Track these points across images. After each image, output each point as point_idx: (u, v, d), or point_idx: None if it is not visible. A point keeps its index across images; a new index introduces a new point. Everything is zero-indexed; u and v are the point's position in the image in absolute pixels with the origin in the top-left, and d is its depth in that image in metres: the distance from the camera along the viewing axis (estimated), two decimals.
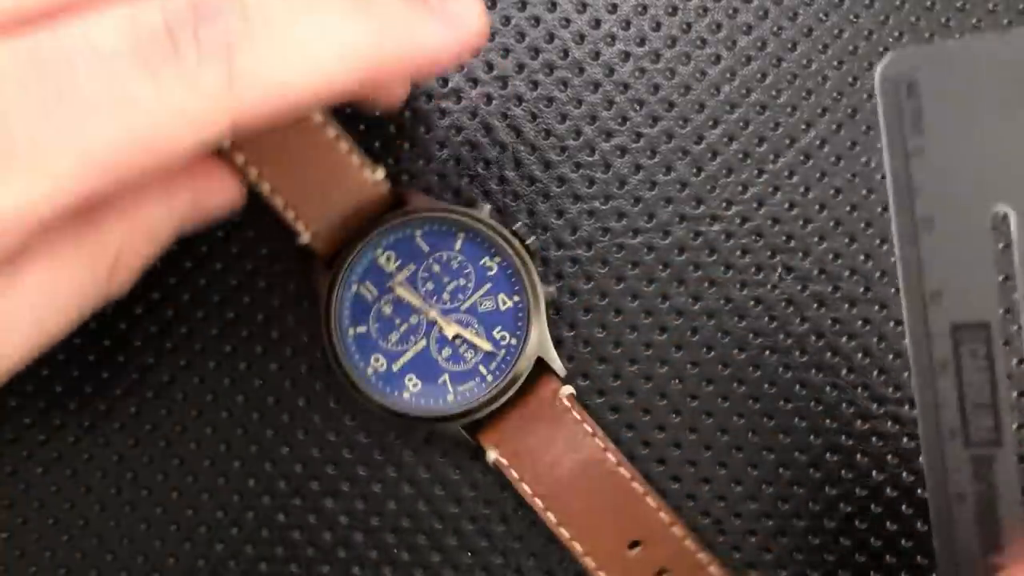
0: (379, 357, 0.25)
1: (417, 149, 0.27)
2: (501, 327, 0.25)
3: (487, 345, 0.25)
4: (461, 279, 0.25)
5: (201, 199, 0.23)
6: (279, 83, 0.18)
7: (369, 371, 0.25)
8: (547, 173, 0.27)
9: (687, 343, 0.27)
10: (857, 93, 0.27)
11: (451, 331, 0.25)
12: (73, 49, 0.18)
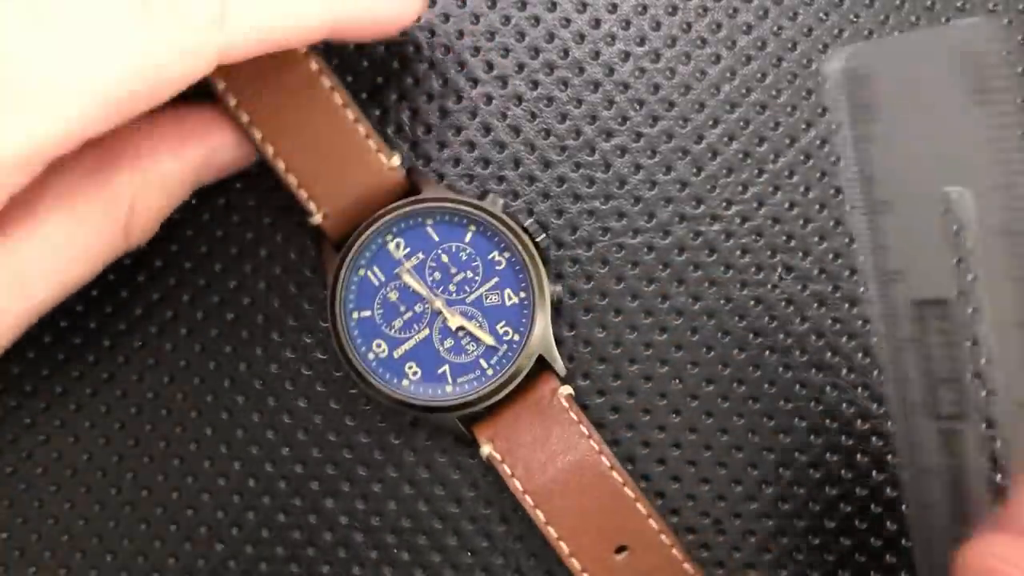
0: (381, 343, 0.25)
1: (417, 149, 0.27)
2: (505, 322, 0.25)
3: (490, 339, 0.25)
4: (469, 271, 0.25)
5: (212, 154, 0.24)
6: (262, 26, 0.21)
7: (370, 356, 0.25)
8: (547, 173, 0.27)
9: (687, 343, 0.27)
10: None
11: (455, 322, 0.25)
12: None
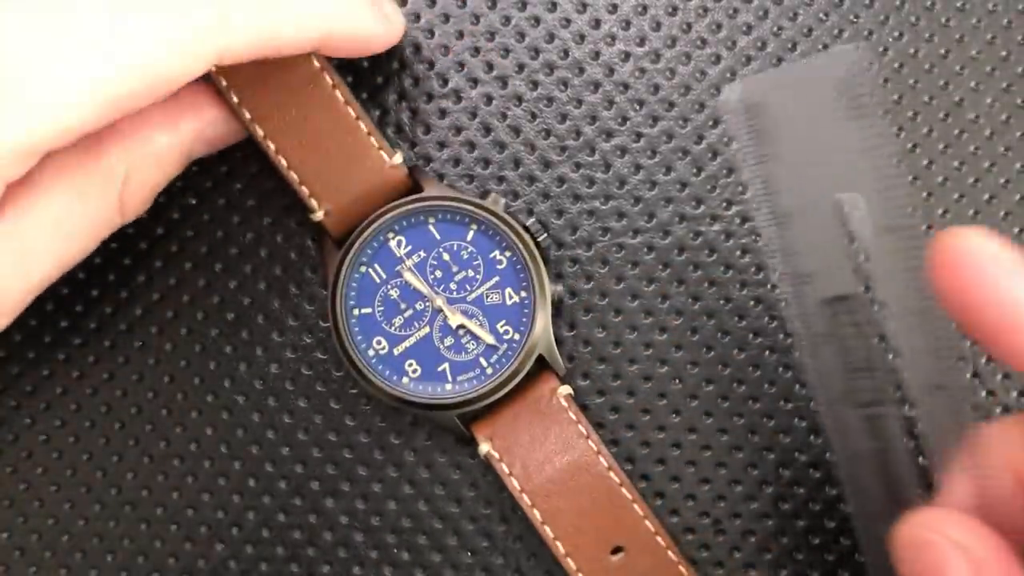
0: (381, 340, 0.25)
1: (417, 149, 0.27)
2: (505, 321, 0.25)
3: (490, 338, 0.25)
4: (470, 270, 0.25)
5: (205, 129, 0.24)
6: (260, 31, 0.21)
7: (370, 353, 0.25)
8: (547, 173, 0.27)
9: (687, 343, 0.27)
10: None
11: (455, 321, 0.25)
12: None
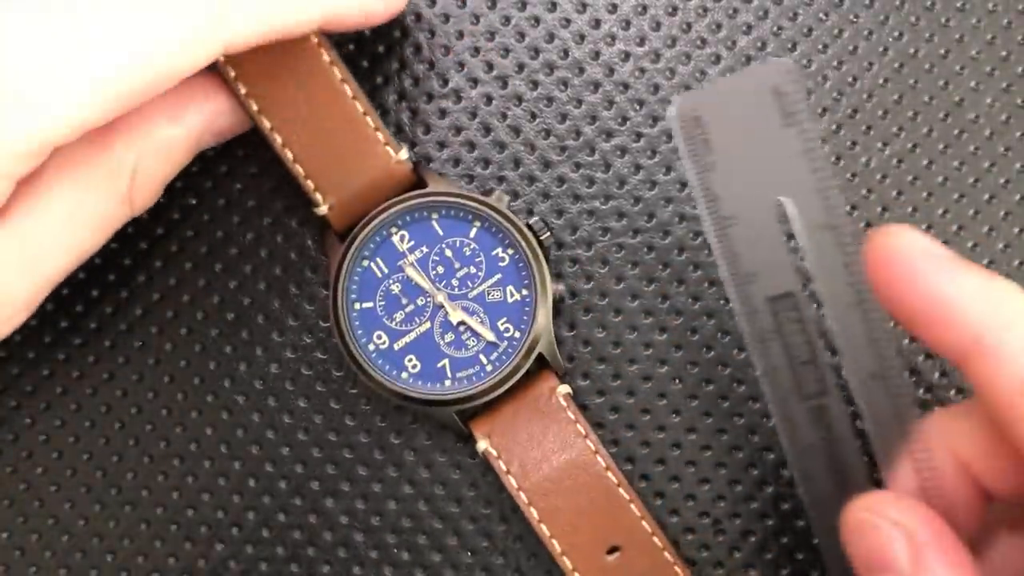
0: (382, 334, 0.25)
1: (417, 150, 0.27)
2: (506, 319, 0.25)
3: (490, 335, 0.25)
4: (472, 267, 0.25)
5: (212, 119, 0.24)
6: (263, 18, 0.22)
7: (370, 347, 0.25)
8: (547, 173, 0.27)
9: (687, 343, 0.27)
10: (857, 93, 0.27)
11: (456, 317, 0.25)
12: None
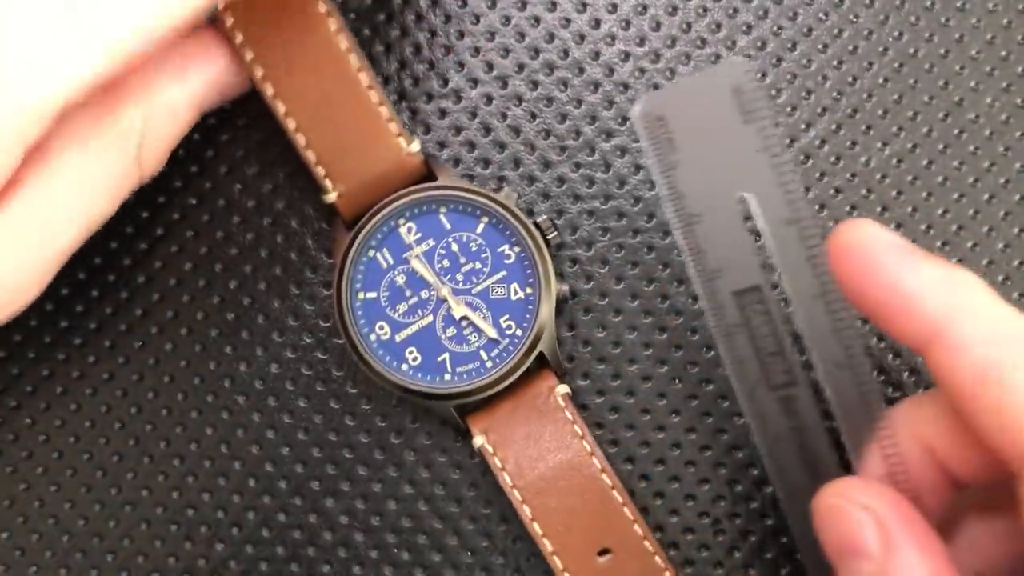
0: (384, 325, 0.25)
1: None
2: (509, 316, 0.25)
3: (492, 332, 0.25)
4: (477, 262, 0.25)
5: (216, 78, 0.24)
6: None
7: (372, 337, 0.25)
8: (547, 173, 0.27)
9: (687, 343, 0.27)
10: (857, 93, 0.27)
11: (459, 312, 0.25)
12: None
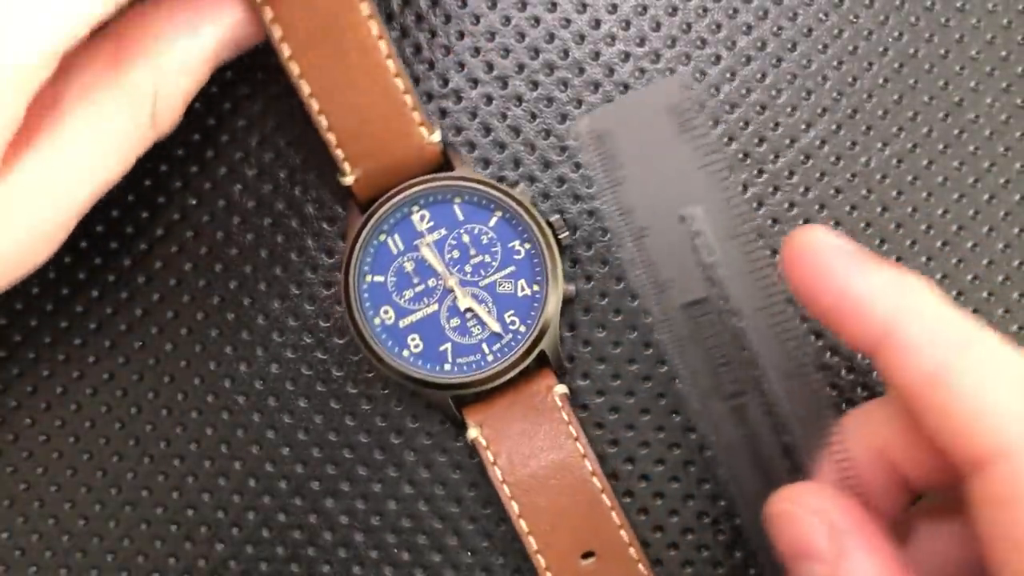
0: (389, 310, 0.25)
1: None
2: (514, 312, 0.25)
3: (496, 326, 0.25)
4: (487, 255, 0.25)
5: (229, 31, 0.24)
6: None
7: (376, 321, 0.25)
8: (547, 173, 0.27)
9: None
10: (857, 93, 0.27)
11: (464, 303, 0.25)
12: None
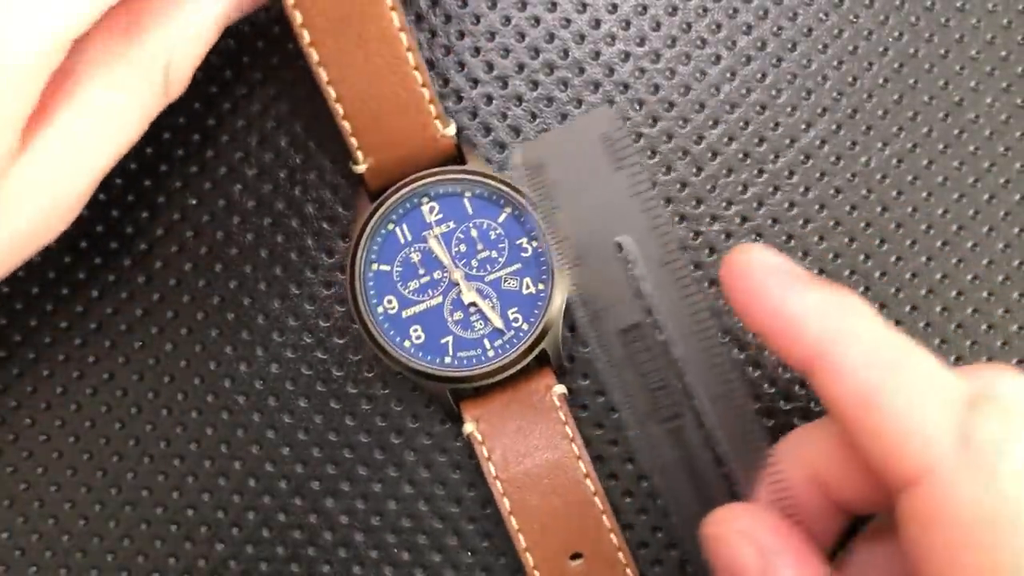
0: (392, 299, 0.25)
1: None
2: (517, 309, 0.25)
3: (499, 322, 0.25)
4: (494, 251, 0.26)
5: None
6: None
7: (379, 309, 0.25)
8: None
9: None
10: (857, 93, 0.27)
11: (469, 297, 0.25)
12: None
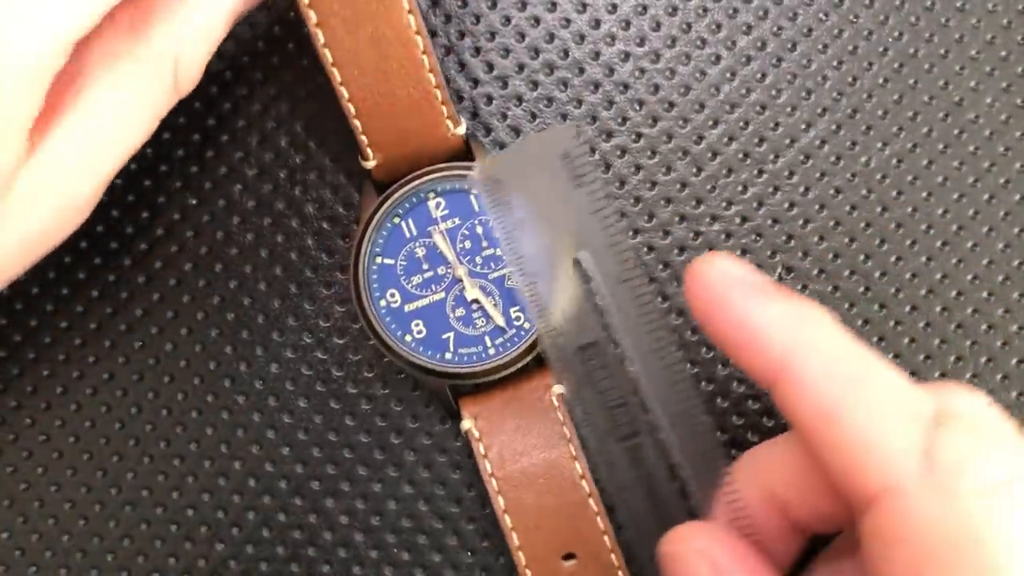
0: (395, 293, 0.26)
1: None
2: (520, 308, 0.26)
3: (501, 320, 0.25)
4: (499, 249, 0.26)
5: None
6: None
7: (382, 303, 0.25)
8: None
9: (687, 342, 0.27)
10: (857, 93, 0.27)
11: (472, 294, 0.25)
12: None
